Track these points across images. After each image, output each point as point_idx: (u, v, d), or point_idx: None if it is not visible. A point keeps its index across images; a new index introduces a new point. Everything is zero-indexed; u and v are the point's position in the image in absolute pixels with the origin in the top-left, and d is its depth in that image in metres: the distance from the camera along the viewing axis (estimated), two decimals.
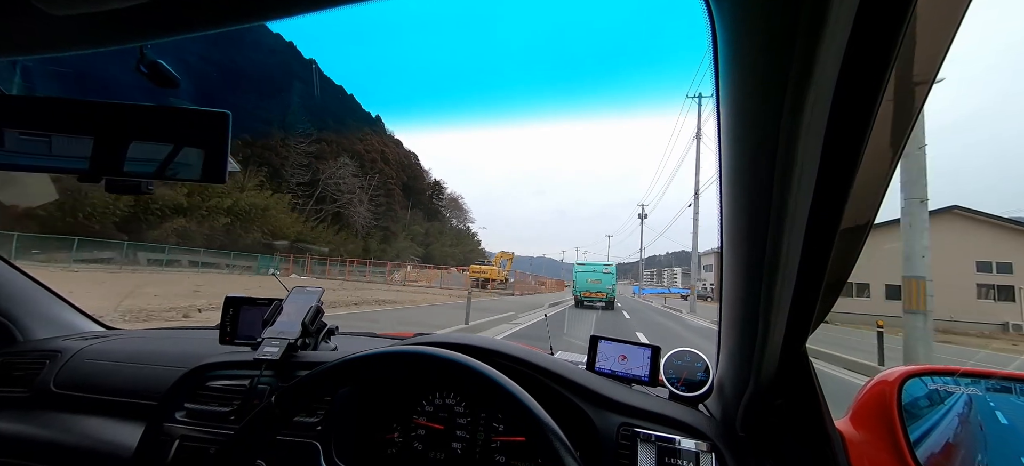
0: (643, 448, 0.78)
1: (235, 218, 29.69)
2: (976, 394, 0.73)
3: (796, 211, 0.44)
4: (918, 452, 0.67)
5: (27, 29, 0.59)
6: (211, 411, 0.89)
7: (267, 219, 32.96)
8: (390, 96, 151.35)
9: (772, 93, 0.39)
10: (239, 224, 29.88)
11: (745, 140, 0.46)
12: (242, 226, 30.08)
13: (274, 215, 34.04)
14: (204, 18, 0.55)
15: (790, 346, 0.59)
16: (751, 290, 0.57)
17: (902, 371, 0.74)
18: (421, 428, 0.94)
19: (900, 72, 0.34)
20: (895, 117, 0.39)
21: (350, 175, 48.51)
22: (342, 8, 0.51)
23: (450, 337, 0.96)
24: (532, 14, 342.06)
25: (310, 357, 0.95)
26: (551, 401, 0.72)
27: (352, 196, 47.95)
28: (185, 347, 1.17)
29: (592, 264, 22.76)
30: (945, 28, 0.35)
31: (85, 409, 1.05)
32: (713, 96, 0.48)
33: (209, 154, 0.68)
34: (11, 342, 1.20)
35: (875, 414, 0.72)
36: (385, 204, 53.86)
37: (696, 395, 0.88)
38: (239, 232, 29.63)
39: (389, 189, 56.14)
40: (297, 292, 1.05)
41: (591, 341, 1.00)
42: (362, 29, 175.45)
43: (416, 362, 0.63)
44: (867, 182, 0.43)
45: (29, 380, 1.10)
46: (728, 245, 0.59)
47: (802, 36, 0.34)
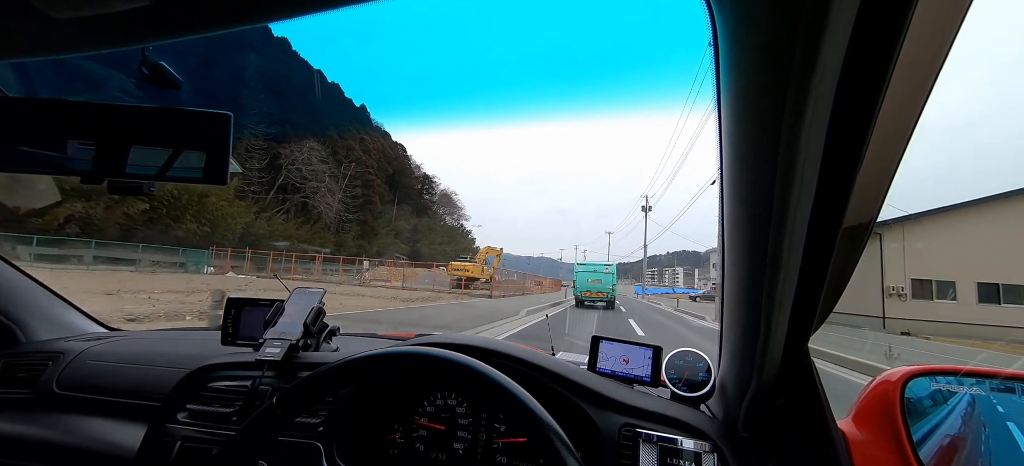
0: (645, 448, 0.77)
1: (161, 205, 23.70)
2: (979, 394, 0.73)
3: (798, 210, 0.44)
4: (921, 452, 0.67)
5: (29, 31, 0.59)
6: (213, 412, 0.89)
7: (204, 208, 26.83)
8: (389, 96, 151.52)
9: (773, 92, 0.39)
10: (166, 212, 24.26)
11: (746, 139, 0.46)
12: (170, 215, 24.53)
13: (214, 203, 27.56)
14: (205, 20, 0.55)
15: (792, 346, 0.59)
16: (753, 290, 0.57)
17: (905, 371, 0.74)
18: (423, 429, 0.94)
19: (902, 70, 0.34)
20: (897, 116, 0.39)
21: (318, 161, 43.05)
22: (342, 9, 0.51)
23: (451, 338, 0.96)
24: (533, 14, 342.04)
25: (312, 358, 0.95)
26: (552, 402, 0.72)
27: (321, 185, 42.59)
28: (187, 348, 1.17)
29: (592, 264, 22.76)
30: (947, 26, 0.34)
31: (88, 410, 1.06)
32: (714, 95, 0.48)
33: (211, 155, 0.68)
34: (14, 343, 1.20)
35: (878, 414, 0.72)
36: (363, 196, 48.68)
37: (698, 395, 0.88)
38: (168, 222, 24.36)
39: (368, 180, 50.36)
40: (299, 293, 1.05)
41: (593, 341, 1.00)
42: (362, 29, 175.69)
43: (417, 363, 0.63)
44: (869, 181, 0.43)
45: (32, 381, 1.11)
46: (729, 245, 0.59)
47: (803, 35, 0.34)
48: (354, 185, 47.85)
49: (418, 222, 61.03)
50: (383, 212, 53.53)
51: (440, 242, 61.34)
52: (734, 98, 0.44)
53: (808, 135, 0.39)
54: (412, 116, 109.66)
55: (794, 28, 0.34)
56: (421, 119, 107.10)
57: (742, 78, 0.42)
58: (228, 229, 29.25)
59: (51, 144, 0.67)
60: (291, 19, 0.54)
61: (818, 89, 0.36)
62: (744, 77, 0.42)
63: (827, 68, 0.34)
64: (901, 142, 0.42)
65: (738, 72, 0.42)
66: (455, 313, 11.72)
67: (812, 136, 0.38)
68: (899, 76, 0.34)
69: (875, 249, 16.80)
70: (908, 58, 0.33)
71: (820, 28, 0.33)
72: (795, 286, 0.50)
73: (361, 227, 47.68)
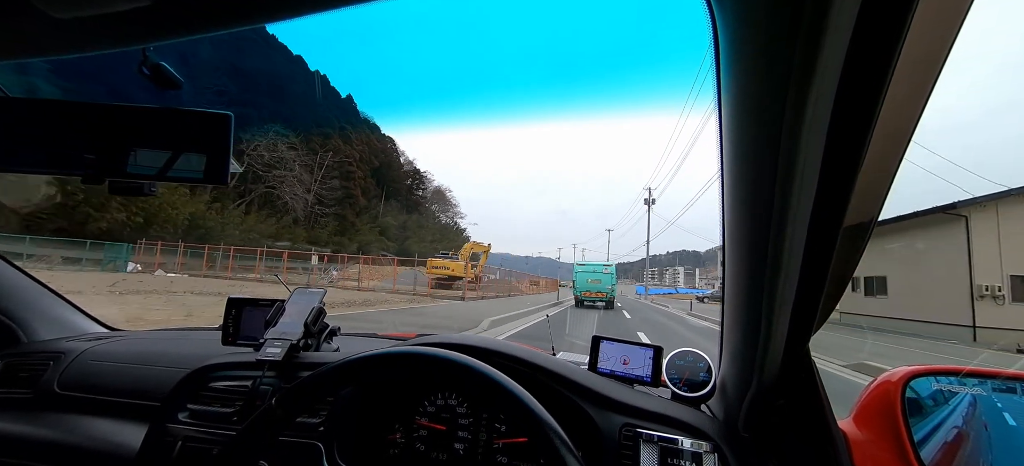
0: (645, 448, 0.77)
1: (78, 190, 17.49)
2: (981, 394, 0.73)
3: (798, 209, 0.44)
4: (922, 452, 0.67)
5: (30, 31, 0.59)
6: (214, 412, 0.89)
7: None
8: (389, 96, 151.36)
9: (774, 91, 0.39)
10: (85, 200, 19.76)
11: (747, 138, 0.46)
12: (91, 202, 20.30)
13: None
14: (205, 20, 0.55)
15: (793, 346, 0.59)
16: (753, 289, 0.57)
17: (906, 371, 0.74)
18: (423, 429, 0.94)
19: (903, 70, 0.34)
20: (898, 115, 0.39)
21: (285, 147, 38.66)
22: (343, 9, 0.51)
23: (452, 338, 0.96)
24: (533, 14, 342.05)
25: (312, 358, 0.95)
26: (553, 402, 0.72)
27: (288, 174, 38.51)
28: (188, 348, 1.17)
29: (592, 264, 22.80)
30: (949, 24, 0.34)
31: (89, 410, 1.06)
32: (714, 94, 0.48)
33: (211, 155, 0.68)
34: (15, 343, 1.20)
35: (879, 414, 0.72)
36: (342, 188, 44.65)
37: (698, 395, 0.88)
38: (87, 210, 20.45)
39: (348, 171, 46.24)
40: (299, 293, 1.05)
41: (593, 341, 1.00)
42: (360, 28, 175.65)
43: (418, 363, 0.63)
44: (870, 180, 0.43)
45: (33, 381, 1.11)
46: (730, 244, 0.59)
47: (804, 33, 0.34)
48: (330, 176, 43.73)
49: (408, 219, 57.68)
50: (368, 207, 50.14)
51: (431, 240, 55.88)
52: (734, 98, 0.44)
53: (808, 135, 0.38)
54: (411, 116, 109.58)
55: (794, 28, 0.34)
56: (420, 119, 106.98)
57: (742, 78, 0.42)
58: (169, 220, 25.02)
59: (51, 144, 0.67)
60: (292, 19, 0.54)
61: (818, 89, 0.36)
62: (744, 77, 0.42)
63: (827, 68, 0.34)
64: (901, 142, 0.41)
65: (738, 72, 0.42)
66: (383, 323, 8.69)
67: (812, 136, 0.38)
68: (900, 76, 0.34)
69: (958, 237, 12.63)
70: (909, 57, 0.33)
71: (820, 28, 0.33)
72: (796, 286, 0.50)
73: (339, 222, 43.68)
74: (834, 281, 0.51)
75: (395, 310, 11.94)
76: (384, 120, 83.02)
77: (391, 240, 48.40)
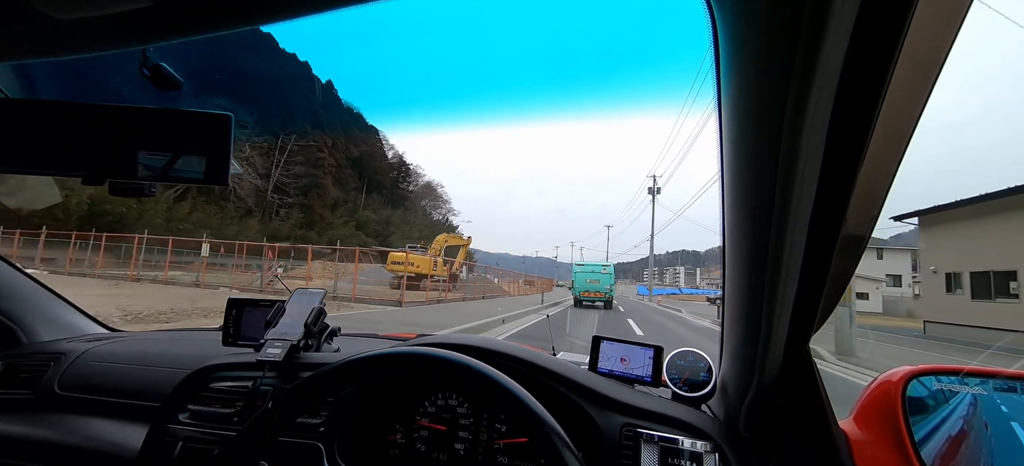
0: (646, 448, 0.77)
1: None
2: (982, 393, 0.73)
3: (799, 209, 0.44)
4: (923, 452, 0.67)
5: (30, 32, 0.59)
6: (214, 412, 0.89)
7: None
8: (388, 97, 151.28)
9: (774, 90, 0.39)
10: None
11: (747, 138, 0.46)
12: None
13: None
14: (206, 21, 0.55)
15: (793, 346, 0.59)
16: (754, 289, 0.57)
17: (907, 370, 0.74)
18: (424, 429, 0.94)
19: (903, 70, 0.34)
20: (898, 115, 0.39)
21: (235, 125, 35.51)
22: (343, 10, 0.51)
23: (452, 338, 0.96)
24: (533, 13, 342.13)
25: (313, 358, 0.95)
26: (553, 402, 0.72)
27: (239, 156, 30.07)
28: (188, 349, 1.17)
29: (591, 264, 22.84)
30: (949, 23, 0.34)
31: (89, 411, 1.06)
32: (714, 94, 0.48)
33: (212, 156, 0.68)
34: (16, 344, 1.21)
35: (879, 414, 0.72)
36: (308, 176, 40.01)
37: (699, 395, 0.88)
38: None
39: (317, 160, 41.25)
40: (300, 293, 1.05)
41: (593, 341, 1.00)
42: (358, 29, 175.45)
43: (418, 363, 0.63)
44: (871, 180, 0.43)
45: (34, 382, 1.11)
46: (730, 244, 0.59)
47: (805, 32, 0.34)
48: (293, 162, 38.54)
49: (392, 214, 52.31)
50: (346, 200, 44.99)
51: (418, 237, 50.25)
52: (734, 98, 0.44)
53: (809, 135, 0.38)
54: (411, 116, 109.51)
55: (794, 28, 0.34)
56: (420, 119, 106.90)
57: (742, 78, 0.42)
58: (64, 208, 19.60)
59: (52, 145, 0.67)
60: (292, 20, 0.54)
61: (818, 88, 0.36)
62: (744, 77, 0.42)
63: (827, 68, 0.34)
64: (902, 142, 0.41)
65: (738, 72, 0.42)
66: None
67: (813, 136, 0.38)
68: (900, 76, 0.34)
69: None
70: (909, 57, 0.33)
71: (821, 28, 0.33)
72: (796, 286, 0.50)
73: (305, 214, 38.88)
74: (834, 281, 0.51)
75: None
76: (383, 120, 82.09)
77: (370, 236, 43.61)
